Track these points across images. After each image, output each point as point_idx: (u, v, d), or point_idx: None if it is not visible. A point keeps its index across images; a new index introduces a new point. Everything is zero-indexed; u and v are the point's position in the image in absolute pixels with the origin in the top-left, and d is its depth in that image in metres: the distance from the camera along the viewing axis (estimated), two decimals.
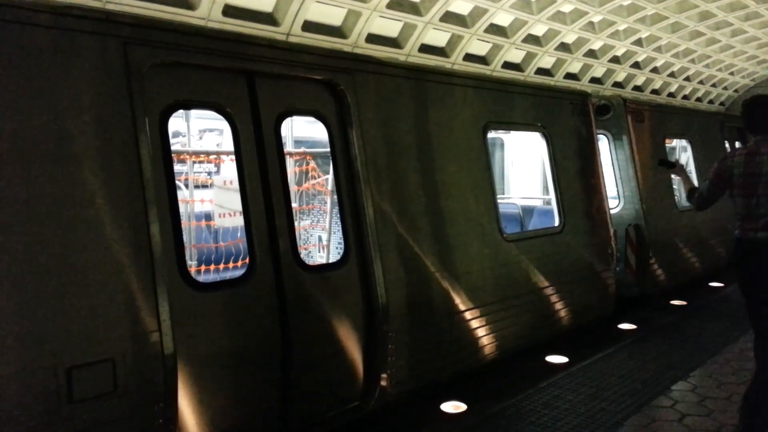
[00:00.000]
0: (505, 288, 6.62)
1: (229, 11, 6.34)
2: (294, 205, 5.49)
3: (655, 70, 13.81)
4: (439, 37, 8.88)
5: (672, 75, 14.59)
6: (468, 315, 6.04)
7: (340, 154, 5.14)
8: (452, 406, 5.83)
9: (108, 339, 3.52)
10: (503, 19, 9.34)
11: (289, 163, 7.77)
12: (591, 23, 10.58)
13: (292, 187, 7.46)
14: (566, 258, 7.57)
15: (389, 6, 7.59)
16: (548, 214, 8.23)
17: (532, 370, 6.81)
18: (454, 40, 9.07)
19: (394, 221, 5.39)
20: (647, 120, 9.50)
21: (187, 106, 4.51)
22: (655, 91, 14.80)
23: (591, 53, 11.63)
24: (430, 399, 5.88)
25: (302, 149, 8.37)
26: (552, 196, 7.72)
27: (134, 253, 3.67)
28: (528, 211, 9.37)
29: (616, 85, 13.29)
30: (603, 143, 9.21)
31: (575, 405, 5.61)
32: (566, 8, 9.78)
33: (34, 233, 3.34)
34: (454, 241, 6.05)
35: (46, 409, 3.29)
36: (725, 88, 17.56)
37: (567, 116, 7.85)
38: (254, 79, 4.57)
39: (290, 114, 5.05)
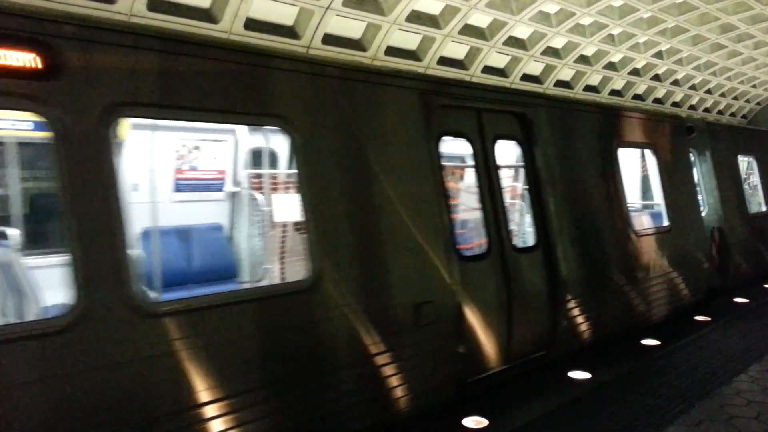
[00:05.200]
0: (637, 272, 8.18)
1: (251, 25, 6.40)
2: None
3: (675, 83, 13.71)
4: (457, 49, 8.89)
5: (693, 87, 14.47)
6: (614, 289, 7.62)
7: (529, 166, 6.78)
8: (474, 422, 5.74)
9: (431, 289, 5.42)
10: (522, 31, 9.34)
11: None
12: (611, 36, 10.54)
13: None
14: (674, 251, 8.98)
15: (408, 19, 7.62)
16: (657, 217, 9.67)
17: (555, 386, 6.71)
18: (473, 53, 9.08)
19: (568, 217, 7.02)
20: (723, 139, 11.11)
21: (447, 134, 6.07)
22: (676, 104, 14.68)
23: (611, 66, 11.57)
24: (452, 414, 5.81)
25: (505, 163, 9.98)
26: (661, 201, 9.28)
27: (440, 236, 5.48)
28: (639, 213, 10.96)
29: (636, 97, 13.21)
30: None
31: (597, 422, 5.51)
32: (586, 21, 9.75)
33: (405, 226, 5.33)
34: (606, 234, 7.70)
35: (406, 329, 5.18)
36: (747, 101, 17.37)
37: (669, 136, 9.42)
38: (481, 115, 6.26)
39: (499, 138, 6.58)
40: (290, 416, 4.41)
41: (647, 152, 9.25)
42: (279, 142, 7.43)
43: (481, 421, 5.75)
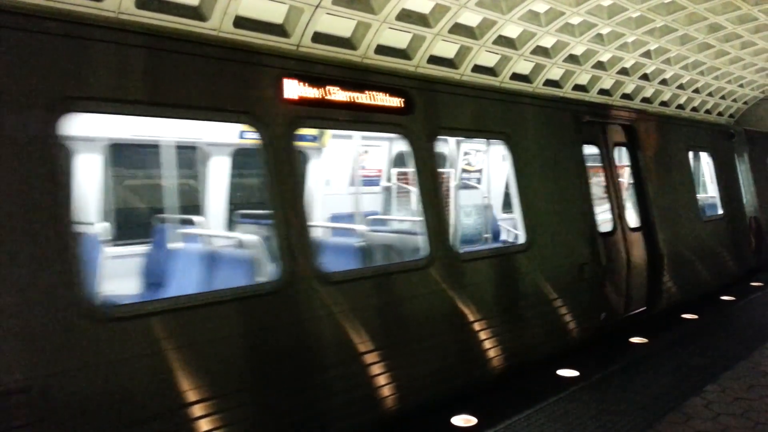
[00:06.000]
0: (704, 250, 11.28)
1: (240, 23, 6.35)
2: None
3: (663, 82, 13.75)
4: (447, 48, 8.87)
5: (681, 87, 14.53)
6: (691, 262, 10.68)
7: (633, 165, 9.53)
8: (463, 420, 5.77)
9: (587, 254, 7.92)
10: (512, 30, 9.33)
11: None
12: (599, 35, 10.55)
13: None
14: (727, 235, 12.03)
15: (398, 18, 7.60)
16: (712, 207, 12.73)
17: (543, 384, 6.74)
18: (463, 52, 9.06)
19: (661, 205, 9.70)
20: (757, 143, 13.99)
21: (586, 142, 8.50)
22: (664, 103, 14.74)
23: (599, 65, 11.60)
24: (441, 412, 5.82)
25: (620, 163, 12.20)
26: (716, 194, 12.37)
27: (588, 216, 7.95)
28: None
29: (625, 96, 13.25)
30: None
31: (585, 420, 5.53)
32: (575, 20, 9.77)
33: (571, 208, 7.88)
34: (685, 220, 10.64)
35: (574, 282, 7.74)
36: (734, 101, 17.47)
37: (719, 141, 12.79)
38: (605, 126, 8.89)
39: (616, 144, 9.43)
40: (513, 337, 6.98)
41: (705, 155, 12.86)
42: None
43: (470, 420, 5.78)
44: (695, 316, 9.81)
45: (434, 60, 8.78)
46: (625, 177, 10.24)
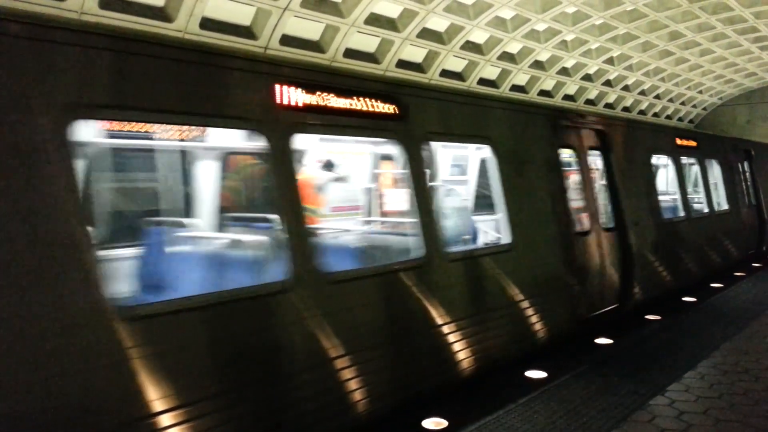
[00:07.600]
0: None
1: (206, 25, 6.28)
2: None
3: (626, 88, 14.08)
4: (415, 53, 8.92)
5: (643, 93, 14.89)
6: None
7: (750, 172, 15.49)
8: (434, 423, 5.76)
9: (755, 218, 16.04)
10: (479, 36, 9.43)
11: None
12: (564, 42, 10.75)
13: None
14: None
15: (367, 22, 7.62)
16: None
17: (512, 386, 6.78)
18: (431, 57, 9.12)
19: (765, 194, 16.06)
20: None
21: (746, 161, 15.85)
22: (626, 109, 15.08)
23: (564, 71, 11.80)
24: (412, 415, 5.81)
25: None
26: None
27: (758, 200, 16.08)
28: None
29: (588, 102, 13.50)
30: None
31: (554, 420, 5.58)
32: (540, 27, 9.92)
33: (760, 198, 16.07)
34: None
35: (743, 229, 14.88)
36: (694, 106, 17.99)
37: None
38: (756, 149, 16.56)
39: (747, 160, 15.53)
40: (724, 251, 13.28)
41: None
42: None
43: (440, 422, 5.78)
44: (658, 317, 10.01)
45: (402, 64, 8.84)
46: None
